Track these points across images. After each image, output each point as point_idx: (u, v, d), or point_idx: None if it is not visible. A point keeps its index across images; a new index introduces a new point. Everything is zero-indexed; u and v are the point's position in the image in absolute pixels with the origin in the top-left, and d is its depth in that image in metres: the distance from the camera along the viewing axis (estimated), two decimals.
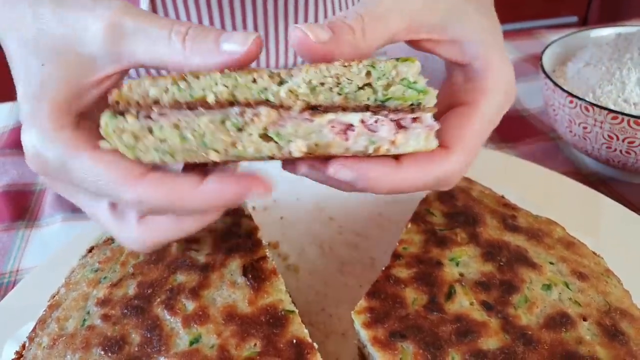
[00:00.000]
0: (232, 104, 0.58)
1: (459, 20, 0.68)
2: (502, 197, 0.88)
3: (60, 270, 0.80)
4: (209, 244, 0.78)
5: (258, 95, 0.58)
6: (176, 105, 0.59)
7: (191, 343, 0.66)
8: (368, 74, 0.59)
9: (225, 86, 0.58)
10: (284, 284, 0.73)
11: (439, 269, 0.73)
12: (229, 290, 0.71)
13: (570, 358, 0.62)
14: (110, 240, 0.83)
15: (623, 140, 1.00)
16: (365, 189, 0.61)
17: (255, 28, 1.50)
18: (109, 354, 0.65)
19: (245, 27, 1.49)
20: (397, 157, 0.61)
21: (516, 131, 1.31)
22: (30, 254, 1.02)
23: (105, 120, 0.59)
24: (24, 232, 1.07)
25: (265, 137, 0.59)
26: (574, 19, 3.73)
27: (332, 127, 0.59)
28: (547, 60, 1.19)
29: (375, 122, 0.60)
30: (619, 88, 1.04)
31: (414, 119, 0.60)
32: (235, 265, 0.74)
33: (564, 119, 1.08)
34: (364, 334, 0.66)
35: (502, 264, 0.74)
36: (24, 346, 0.69)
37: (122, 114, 0.59)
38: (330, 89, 0.59)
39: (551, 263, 0.74)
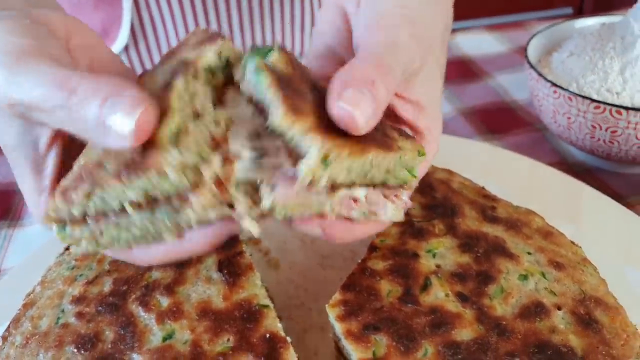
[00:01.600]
0: (155, 200, 0.56)
1: (416, 75, 0.67)
2: (483, 188, 0.88)
3: (39, 270, 0.80)
4: None
5: (176, 187, 0.55)
6: (104, 214, 0.57)
7: (164, 339, 0.65)
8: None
9: (135, 191, 0.55)
10: (261, 278, 0.72)
11: (415, 261, 0.73)
12: (204, 286, 0.71)
13: (543, 347, 0.62)
14: None
15: (606, 130, 0.99)
16: (330, 240, 0.64)
17: (241, 27, 1.50)
18: (82, 352, 0.65)
19: (230, 26, 1.49)
20: None
21: (503, 122, 1.31)
22: (13, 254, 1.02)
23: (57, 235, 0.59)
24: (6, 231, 1.06)
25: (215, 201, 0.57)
26: (568, 10, 3.72)
27: (340, 201, 0.61)
28: (533, 51, 1.18)
29: (376, 196, 0.63)
30: (601, 78, 1.03)
31: (396, 195, 0.65)
32: (211, 261, 0.74)
33: (549, 110, 1.08)
34: (338, 327, 0.66)
35: (479, 254, 0.73)
36: None
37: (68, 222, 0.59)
38: (359, 173, 0.60)
39: (529, 253, 0.74)
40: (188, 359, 0.63)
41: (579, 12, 3.73)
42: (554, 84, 1.03)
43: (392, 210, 0.65)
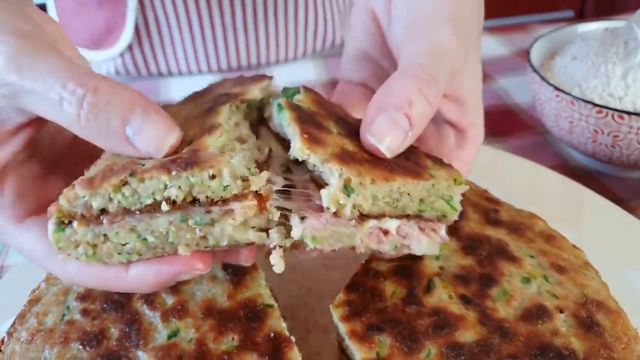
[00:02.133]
0: (193, 202, 0.56)
1: (460, 73, 0.68)
2: (486, 191, 0.88)
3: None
4: None
5: (223, 191, 0.55)
6: (126, 212, 0.55)
7: (169, 337, 0.66)
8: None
9: (180, 187, 0.54)
10: (265, 278, 0.73)
11: (418, 263, 0.73)
12: (209, 285, 0.71)
13: (545, 349, 0.62)
14: None
15: (608, 134, 1.00)
16: None
17: (245, 26, 1.50)
18: (87, 349, 0.65)
19: (234, 26, 1.49)
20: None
21: (506, 125, 1.31)
22: (14, 251, 1.02)
23: (52, 234, 0.56)
24: None
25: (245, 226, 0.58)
26: (570, 13, 3.73)
27: (370, 233, 0.62)
28: (536, 55, 1.19)
29: (409, 228, 0.65)
30: (604, 82, 1.04)
31: (434, 229, 0.66)
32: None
33: (551, 113, 1.09)
34: (342, 328, 0.66)
35: (482, 257, 0.74)
36: (2, 341, 0.69)
37: (69, 222, 0.55)
38: (387, 202, 0.61)
39: (531, 256, 0.75)
40: (193, 357, 0.63)
41: (581, 15, 3.74)
42: (557, 88, 1.04)
43: (426, 245, 0.66)
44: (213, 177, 0.54)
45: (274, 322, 0.67)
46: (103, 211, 0.55)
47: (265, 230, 0.59)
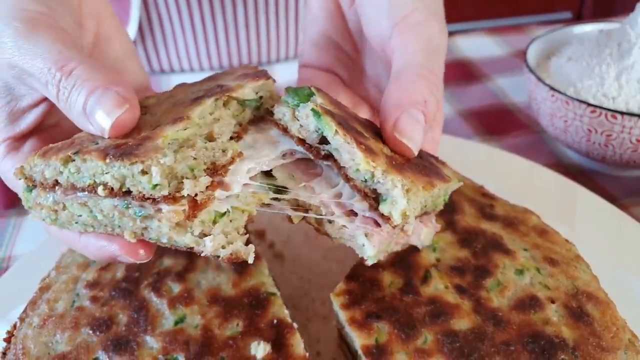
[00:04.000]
0: (127, 193, 0.54)
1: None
2: (482, 187, 0.91)
3: (51, 256, 0.83)
4: None
5: (153, 190, 0.53)
6: (74, 188, 0.56)
7: (176, 323, 0.69)
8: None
9: (114, 176, 0.54)
10: (268, 268, 0.75)
11: (416, 254, 0.76)
12: (214, 274, 0.74)
13: (536, 337, 0.65)
14: None
15: (601, 134, 1.03)
16: None
17: (246, 25, 1.52)
18: (97, 333, 0.68)
19: (236, 24, 1.51)
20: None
21: (502, 124, 1.34)
22: (21, 242, 1.04)
23: (23, 193, 0.60)
24: (15, 220, 1.09)
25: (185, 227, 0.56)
26: (568, 14, 3.76)
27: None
28: (532, 55, 1.21)
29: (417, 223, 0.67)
30: (598, 83, 1.07)
31: (430, 219, 0.70)
32: None
33: (546, 113, 1.11)
34: (342, 315, 0.69)
35: (477, 250, 0.77)
36: (14, 326, 0.72)
37: (35, 185, 0.59)
38: (424, 205, 0.64)
39: (524, 249, 0.77)
40: (199, 342, 0.66)
41: (578, 17, 3.76)
42: (552, 88, 1.06)
43: (425, 235, 0.70)
44: (144, 172, 0.53)
45: (277, 309, 0.69)
46: (58, 182, 0.57)
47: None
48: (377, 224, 0.60)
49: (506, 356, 0.63)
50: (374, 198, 0.59)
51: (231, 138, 0.63)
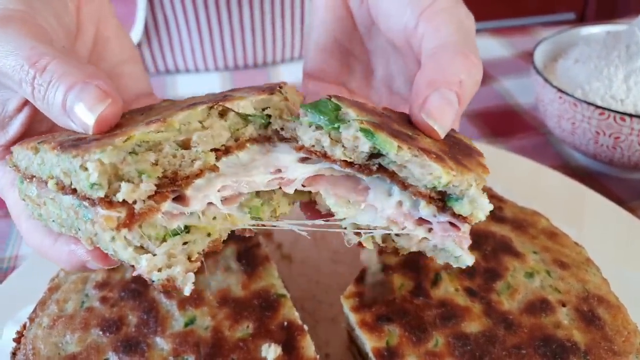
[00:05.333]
0: (74, 192, 0.50)
1: None
2: (490, 189, 0.91)
3: None
4: None
5: (90, 189, 0.48)
6: (43, 181, 0.53)
7: (186, 324, 0.69)
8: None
9: (63, 172, 0.50)
10: (277, 270, 0.75)
11: (425, 257, 0.75)
12: (223, 275, 0.74)
13: (548, 341, 0.65)
14: None
15: (609, 136, 1.03)
16: None
17: (252, 25, 1.52)
18: (107, 334, 0.68)
19: (241, 24, 1.51)
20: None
21: (508, 126, 1.34)
22: None
23: (18, 184, 0.58)
24: None
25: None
26: (571, 15, 3.75)
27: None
28: (539, 57, 1.21)
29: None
30: (606, 85, 1.07)
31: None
32: (229, 251, 0.77)
33: (554, 115, 1.11)
34: (352, 318, 0.69)
35: (487, 252, 0.77)
36: (24, 326, 0.71)
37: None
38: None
39: (534, 252, 0.77)
40: (210, 344, 0.66)
41: (582, 18, 3.76)
42: (560, 90, 1.06)
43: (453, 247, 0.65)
44: (85, 168, 0.48)
45: (287, 311, 0.69)
46: (32, 174, 0.55)
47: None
48: (454, 226, 0.56)
49: None
50: (439, 199, 0.55)
51: (216, 151, 0.56)
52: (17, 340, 0.71)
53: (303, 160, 0.58)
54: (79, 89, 0.52)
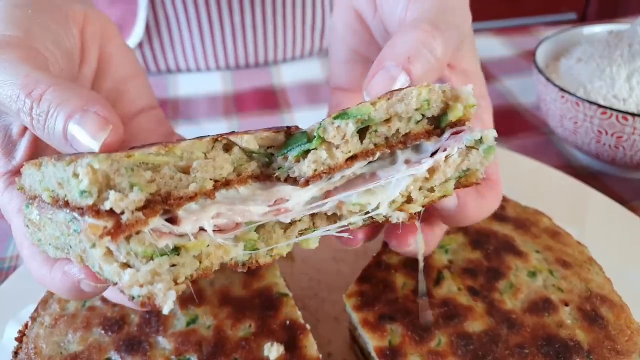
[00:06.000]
0: (67, 204, 0.49)
1: (468, 48, 0.69)
2: None
3: None
4: None
5: (80, 197, 0.46)
6: (43, 200, 0.52)
7: (188, 324, 0.68)
8: None
9: (58, 182, 0.48)
10: (279, 269, 0.75)
11: (428, 256, 0.75)
12: (225, 274, 0.74)
13: (551, 340, 0.65)
14: None
15: (612, 135, 1.02)
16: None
17: (253, 25, 1.52)
18: (109, 333, 0.68)
19: (243, 23, 1.51)
20: None
21: (510, 125, 1.33)
22: None
23: (23, 210, 0.56)
24: None
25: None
26: (572, 15, 3.75)
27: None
28: (541, 56, 1.21)
29: None
30: (608, 84, 1.06)
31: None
32: None
33: (556, 114, 1.11)
34: (355, 317, 0.69)
35: (489, 251, 0.76)
36: (26, 325, 0.71)
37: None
38: None
39: (537, 251, 0.77)
40: (212, 343, 0.66)
41: (583, 18, 3.76)
42: (562, 89, 1.06)
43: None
44: (76, 175, 0.47)
45: (289, 310, 0.69)
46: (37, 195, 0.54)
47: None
48: (458, 132, 0.56)
49: (521, 359, 0.63)
50: (434, 128, 0.56)
51: (216, 182, 0.55)
52: (19, 339, 0.71)
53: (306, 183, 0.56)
54: (79, 117, 0.52)
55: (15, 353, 0.69)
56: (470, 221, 0.64)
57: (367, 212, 0.56)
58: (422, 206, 0.56)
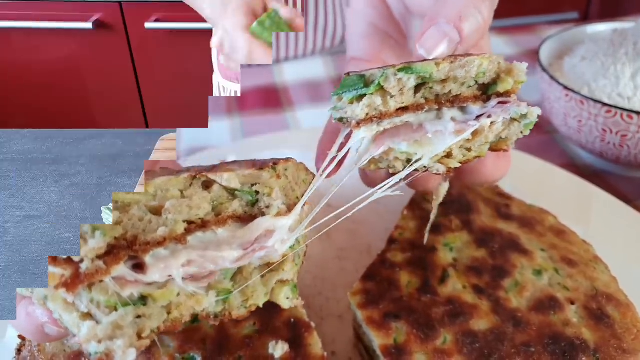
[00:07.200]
0: None
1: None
2: (497, 186, 0.90)
3: None
4: None
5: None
6: None
7: (191, 321, 0.68)
8: None
9: None
10: None
11: (433, 254, 0.75)
12: None
13: (557, 339, 0.64)
14: None
15: (616, 134, 1.02)
16: None
17: None
18: None
19: None
20: None
21: None
22: None
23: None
24: None
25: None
26: (574, 14, 3.75)
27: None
28: (545, 54, 1.21)
29: None
30: (613, 82, 1.06)
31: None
32: None
33: (560, 112, 1.10)
34: (360, 315, 0.68)
35: (494, 250, 0.76)
36: None
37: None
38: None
39: (542, 250, 0.77)
40: (215, 341, 0.65)
41: (585, 17, 3.75)
42: (566, 88, 1.06)
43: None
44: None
45: (294, 308, 0.69)
46: None
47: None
48: (504, 102, 0.58)
49: (527, 357, 0.63)
50: (482, 94, 0.58)
51: (191, 223, 0.51)
52: (22, 337, 0.70)
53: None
54: None
55: (19, 350, 0.68)
56: (485, 178, 0.68)
57: (410, 161, 0.57)
58: (460, 163, 0.59)
